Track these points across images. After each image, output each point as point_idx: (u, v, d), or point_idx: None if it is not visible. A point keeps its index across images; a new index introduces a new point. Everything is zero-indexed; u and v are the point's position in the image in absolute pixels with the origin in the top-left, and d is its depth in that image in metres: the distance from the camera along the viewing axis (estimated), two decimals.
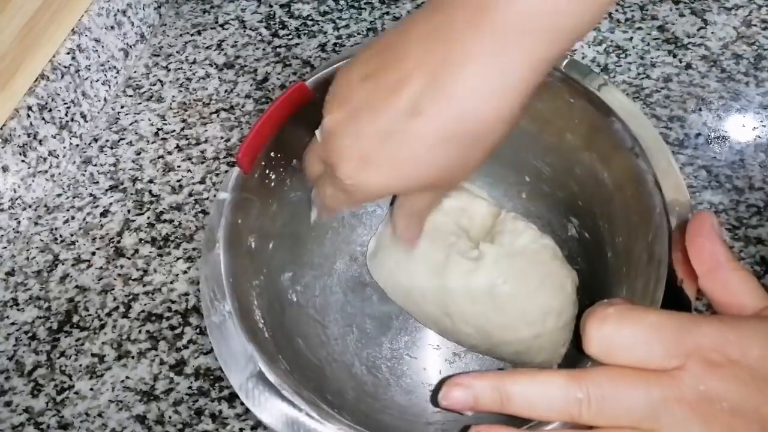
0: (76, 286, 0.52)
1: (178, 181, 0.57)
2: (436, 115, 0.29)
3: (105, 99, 0.63)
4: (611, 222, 0.41)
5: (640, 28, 0.61)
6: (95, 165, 0.59)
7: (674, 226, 0.35)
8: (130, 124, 0.61)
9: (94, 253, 0.54)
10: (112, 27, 0.63)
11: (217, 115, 0.61)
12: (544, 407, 0.27)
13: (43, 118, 0.56)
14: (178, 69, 0.65)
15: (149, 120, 0.62)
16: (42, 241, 0.55)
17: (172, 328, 0.49)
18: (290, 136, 0.42)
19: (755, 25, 0.60)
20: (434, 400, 0.29)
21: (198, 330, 0.49)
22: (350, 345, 0.47)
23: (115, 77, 0.64)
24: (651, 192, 0.36)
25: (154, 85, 0.64)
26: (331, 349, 0.46)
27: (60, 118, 0.58)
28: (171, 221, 0.55)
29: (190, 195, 0.56)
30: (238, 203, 0.40)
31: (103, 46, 0.62)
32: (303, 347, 0.43)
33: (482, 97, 0.29)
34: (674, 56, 0.59)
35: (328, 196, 0.36)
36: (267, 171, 0.42)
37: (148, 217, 0.55)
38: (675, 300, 0.33)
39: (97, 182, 0.58)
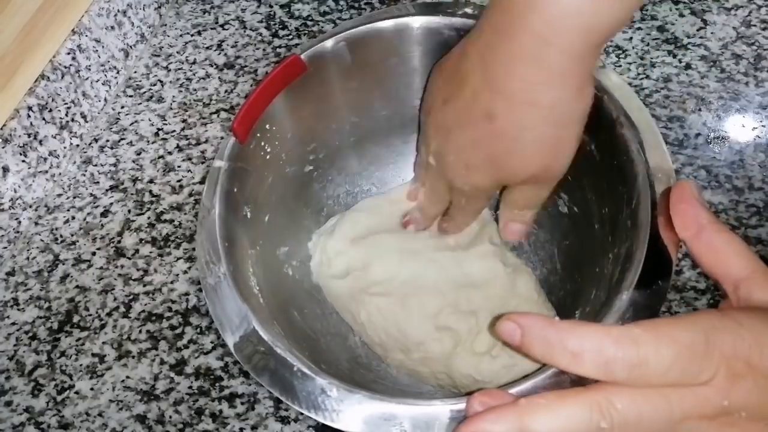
0: (77, 286, 0.52)
1: (179, 181, 0.57)
2: (505, 115, 0.34)
3: (105, 99, 0.63)
4: (598, 194, 0.42)
5: (639, 29, 0.61)
6: (95, 165, 0.59)
7: (658, 192, 0.36)
8: (131, 125, 0.61)
9: (94, 253, 0.54)
10: (113, 27, 0.63)
11: (218, 116, 0.61)
12: None
13: (44, 119, 0.56)
14: (179, 69, 0.65)
15: (149, 120, 0.62)
16: (42, 241, 0.55)
17: (172, 328, 0.50)
18: (286, 109, 0.43)
19: (755, 26, 0.60)
20: None
21: (198, 330, 0.49)
22: (345, 319, 0.47)
23: (116, 77, 0.64)
24: (635, 160, 0.37)
25: (155, 85, 0.64)
26: (326, 323, 0.46)
27: (60, 118, 0.58)
28: (171, 221, 0.55)
29: (191, 195, 0.56)
30: (233, 172, 0.40)
31: (103, 47, 0.62)
32: (298, 319, 0.44)
33: (536, 88, 0.33)
34: (674, 56, 0.59)
35: (464, 204, 0.43)
36: (263, 143, 0.43)
37: (149, 217, 0.55)
38: (657, 262, 0.34)
39: (98, 182, 0.58)
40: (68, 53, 0.58)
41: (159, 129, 0.61)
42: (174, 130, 0.61)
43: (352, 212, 0.49)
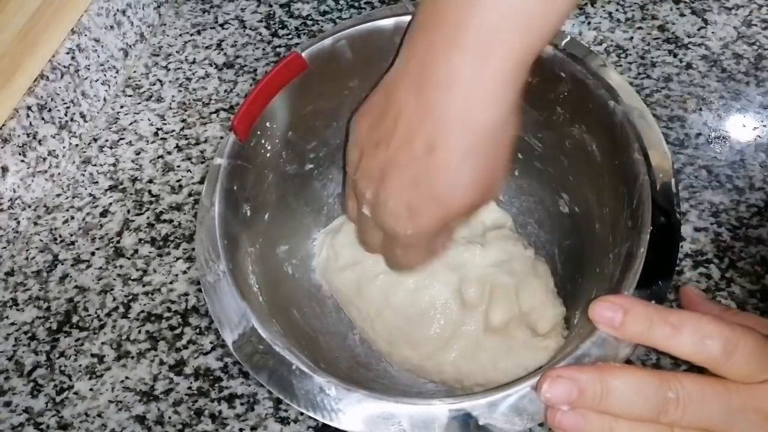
0: (76, 287, 0.52)
1: (178, 181, 0.57)
2: (445, 142, 0.32)
3: (104, 99, 0.63)
4: (599, 194, 0.42)
5: (640, 28, 0.61)
6: (95, 165, 0.59)
7: (658, 192, 0.36)
8: (130, 124, 0.61)
9: (93, 253, 0.54)
10: (112, 27, 0.63)
11: (217, 115, 0.61)
12: (639, 404, 0.28)
13: (43, 118, 0.56)
14: (178, 69, 0.65)
15: (149, 120, 0.61)
16: (41, 241, 0.55)
17: (171, 328, 0.49)
18: (286, 107, 0.43)
19: (755, 25, 0.60)
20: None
21: (198, 330, 0.49)
22: (345, 318, 0.47)
23: (115, 77, 0.64)
24: (635, 160, 0.37)
25: (154, 84, 0.64)
26: (326, 321, 0.46)
27: (59, 118, 0.58)
28: (170, 221, 0.55)
29: (190, 195, 0.56)
30: (233, 170, 0.40)
31: (102, 46, 0.62)
32: (297, 317, 0.44)
33: (475, 108, 0.32)
34: (674, 56, 0.59)
35: (399, 255, 0.39)
36: (263, 141, 0.43)
37: (148, 217, 0.55)
38: (657, 262, 0.34)
39: (97, 182, 0.58)
40: (67, 53, 0.58)
41: (158, 129, 0.61)
42: (173, 130, 0.60)
43: None
